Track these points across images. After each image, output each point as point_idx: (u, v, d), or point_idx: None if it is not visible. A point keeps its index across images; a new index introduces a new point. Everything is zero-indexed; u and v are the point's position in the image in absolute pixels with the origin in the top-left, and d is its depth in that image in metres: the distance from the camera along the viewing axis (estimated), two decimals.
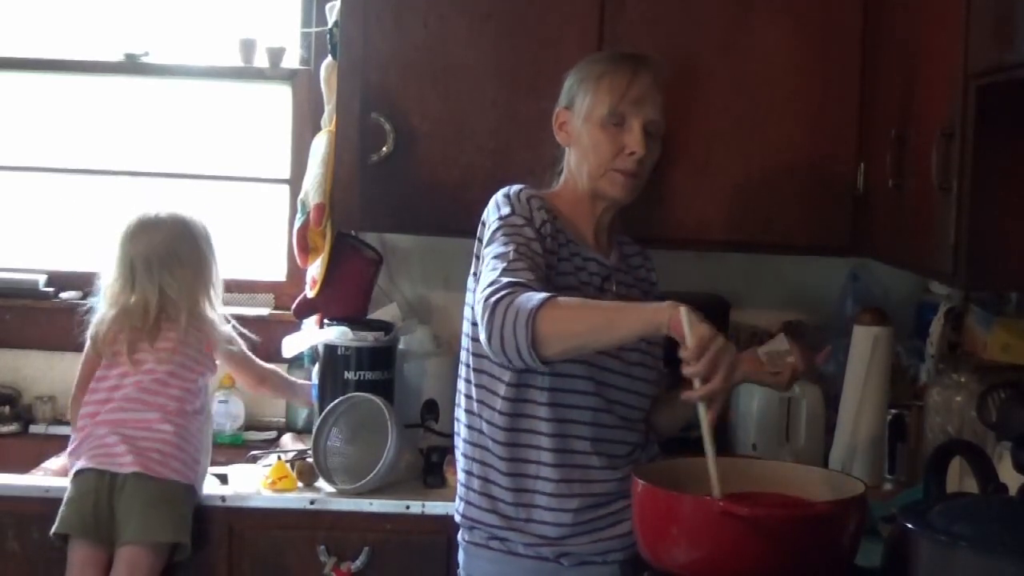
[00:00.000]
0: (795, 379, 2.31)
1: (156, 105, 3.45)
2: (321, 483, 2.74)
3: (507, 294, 2.00)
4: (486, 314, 2.01)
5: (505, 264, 2.08)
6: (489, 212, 2.23)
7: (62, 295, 3.34)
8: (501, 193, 2.24)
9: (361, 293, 3.10)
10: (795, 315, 3.24)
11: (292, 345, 3.02)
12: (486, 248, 2.17)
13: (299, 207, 2.99)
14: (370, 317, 3.08)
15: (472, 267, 2.25)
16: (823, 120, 2.78)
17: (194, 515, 2.66)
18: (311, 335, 3.02)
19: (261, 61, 3.39)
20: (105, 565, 2.62)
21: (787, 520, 1.93)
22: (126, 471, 2.62)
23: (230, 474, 2.83)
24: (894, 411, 2.80)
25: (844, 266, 3.16)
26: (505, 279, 2.04)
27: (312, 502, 2.69)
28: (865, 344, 2.74)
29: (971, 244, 2.04)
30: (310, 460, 2.77)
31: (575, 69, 2.34)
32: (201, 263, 2.82)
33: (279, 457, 2.88)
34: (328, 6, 3.04)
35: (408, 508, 2.67)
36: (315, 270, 3.03)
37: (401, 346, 3.03)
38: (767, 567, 1.90)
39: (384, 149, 2.79)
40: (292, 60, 3.40)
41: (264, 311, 3.35)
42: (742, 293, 3.23)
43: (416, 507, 2.67)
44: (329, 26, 3.01)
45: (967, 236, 2.04)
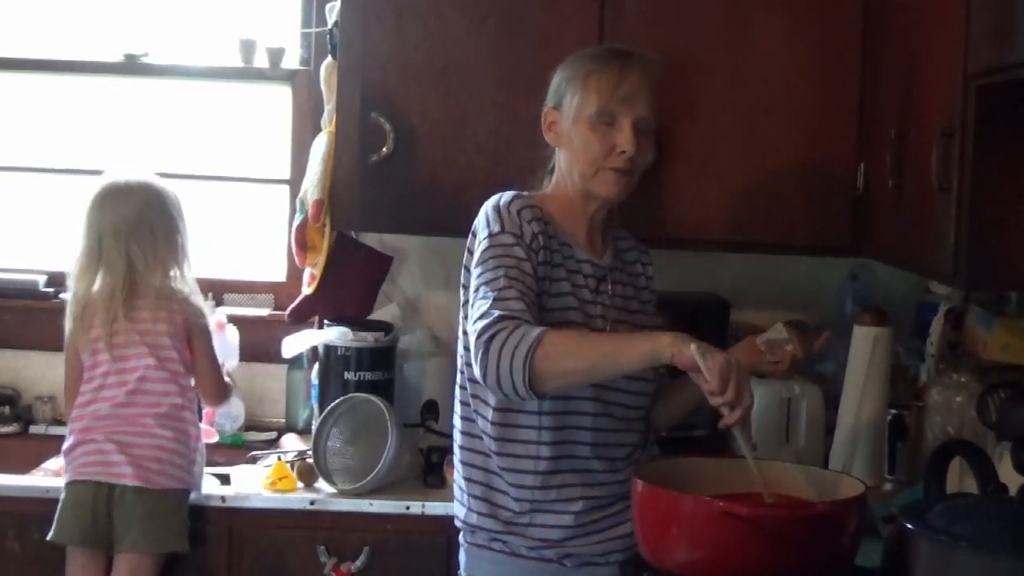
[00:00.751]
0: (795, 367, 2.31)
1: (156, 105, 3.45)
2: (321, 483, 2.74)
3: (499, 331, 1.99)
4: (479, 353, 2.00)
5: (496, 294, 2.05)
6: (479, 225, 2.19)
7: (62, 295, 3.32)
8: (491, 205, 2.19)
9: (367, 290, 3.09)
10: (795, 315, 3.22)
11: (292, 345, 3.02)
12: (475, 268, 2.13)
13: (298, 206, 2.99)
14: (370, 317, 3.09)
15: (462, 278, 2.21)
16: (823, 120, 2.78)
17: (194, 515, 2.65)
18: (311, 335, 3.02)
19: (261, 61, 3.38)
20: (104, 568, 2.62)
21: (787, 520, 1.93)
22: (125, 483, 2.59)
23: (230, 474, 2.83)
24: (894, 411, 2.81)
25: (844, 266, 3.16)
26: (496, 312, 2.02)
27: (312, 502, 2.69)
28: (865, 344, 2.74)
29: (971, 244, 2.04)
30: (310, 460, 2.77)
31: (561, 67, 2.28)
32: (171, 231, 2.72)
33: (279, 457, 2.88)
34: (328, 6, 3.04)
35: (408, 508, 2.67)
36: (314, 268, 3.03)
37: (401, 346, 3.03)
38: (767, 567, 1.90)
39: (384, 149, 2.79)
40: (292, 60, 3.40)
41: (264, 311, 3.34)
42: (742, 293, 3.23)
43: (416, 507, 2.67)
44: (329, 26, 3.01)
45: (967, 236, 2.04)
